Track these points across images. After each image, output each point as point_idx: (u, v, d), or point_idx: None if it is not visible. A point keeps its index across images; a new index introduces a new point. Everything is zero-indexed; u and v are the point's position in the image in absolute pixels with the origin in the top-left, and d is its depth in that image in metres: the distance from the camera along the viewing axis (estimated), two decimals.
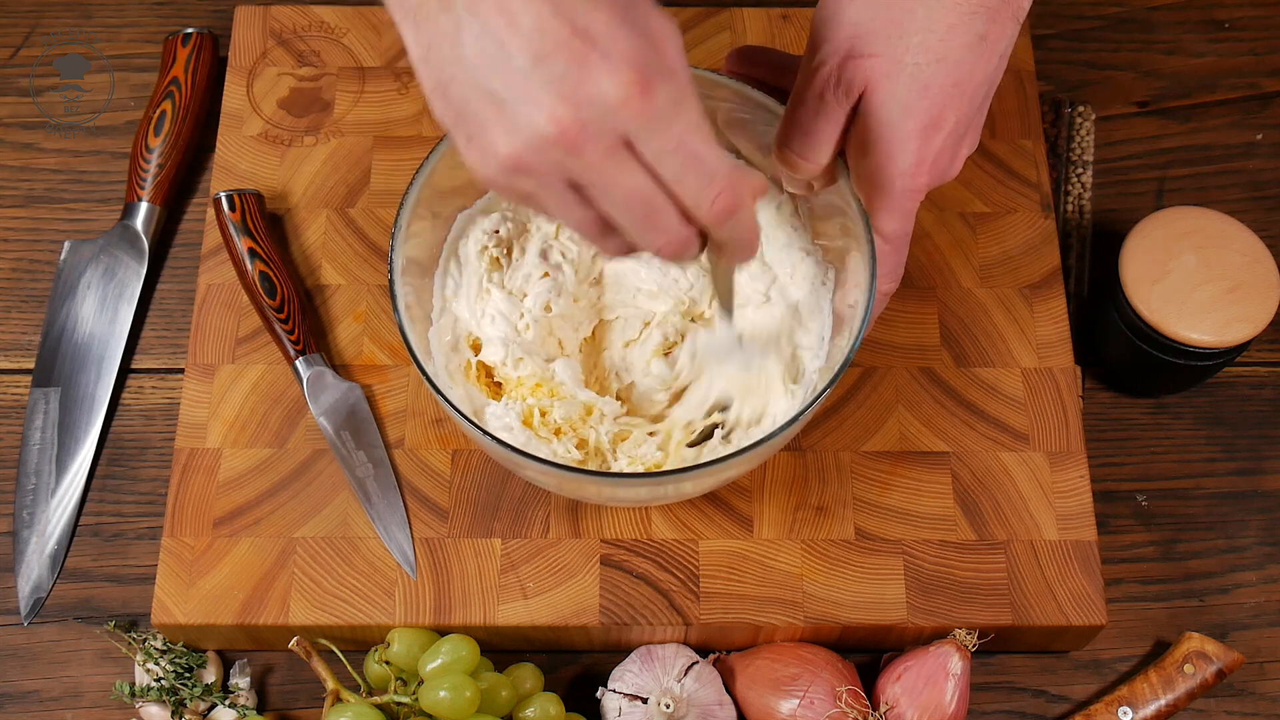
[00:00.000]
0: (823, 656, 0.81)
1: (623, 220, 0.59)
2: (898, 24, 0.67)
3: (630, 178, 0.57)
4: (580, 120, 0.54)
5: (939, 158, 0.69)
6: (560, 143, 0.55)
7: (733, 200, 0.59)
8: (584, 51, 0.53)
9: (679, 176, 0.57)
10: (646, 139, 0.56)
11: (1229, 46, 1.04)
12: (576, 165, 0.56)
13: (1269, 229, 0.95)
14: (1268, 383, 0.93)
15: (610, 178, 0.56)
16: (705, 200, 0.58)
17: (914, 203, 0.71)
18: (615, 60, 0.54)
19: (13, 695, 0.84)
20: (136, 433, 0.91)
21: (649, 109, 0.54)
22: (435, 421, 0.86)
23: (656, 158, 0.56)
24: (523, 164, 0.56)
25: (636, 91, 0.54)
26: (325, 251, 0.91)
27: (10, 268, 0.96)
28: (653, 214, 0.58)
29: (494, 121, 0.55)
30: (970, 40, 0.67)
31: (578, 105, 0.54)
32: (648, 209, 0.58)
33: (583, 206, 0.59)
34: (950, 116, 0.68)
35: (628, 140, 0.56)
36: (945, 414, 0.86)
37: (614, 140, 0.55)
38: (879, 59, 0.67)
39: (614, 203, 0.58)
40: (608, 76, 0.54)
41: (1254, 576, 0.88)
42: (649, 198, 0.58)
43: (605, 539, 0.83)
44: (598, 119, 0.54)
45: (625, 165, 0.56)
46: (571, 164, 0.56)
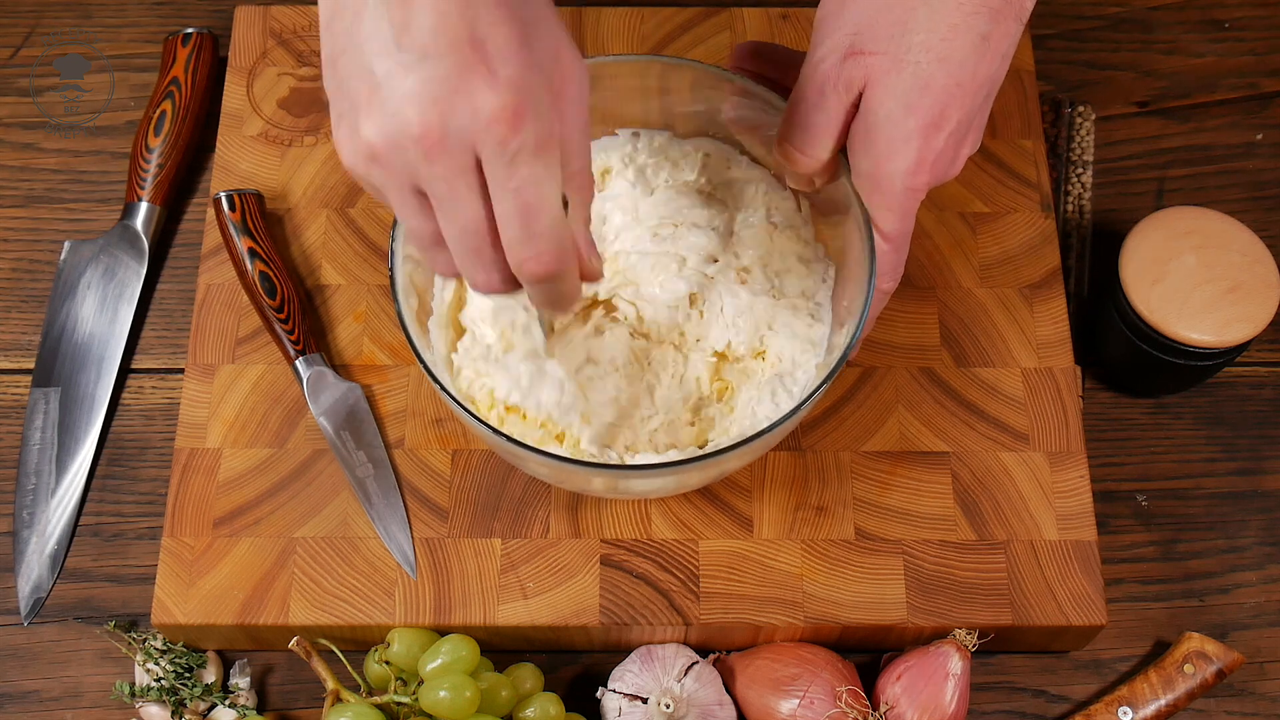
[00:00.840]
0: (823, 656, 0.81)
1: (451, 242, 0.59)
2: (900, 23, 0.67)
3: (468, 204, 0.57)
4: (444, 128, 0.54)
5: (940, 157, 0.69)
6: (420, 143, 0.55)
7: (547, 266, 0.59)
8: (473, 61, 0.54)
9: (508, 220, 0.58)
10: (495, 168, 0.56)
11: (1229, 46, 1.04)
12: (426, 172, 0.56)
13: (1269, 229, 0.95)
14: (1268, 383, 0.93)
15: (452, 196, 0.57)
16: (519, 254, 0.59)
17: (914, 202, 0.71)
18: (499, 81, 0.54)
19: (13, 695, 0.84)
20: (136, 433, 0.91)
21: (510, 138, 0.55)
22: (435, 421, 0.86)
23: (496, 190, 0.57)
24: (379, 155, 0.56)
25: (506, 117, 0.54)
26: (325, 251, 0.91)
27: (10, 268, 0.96)
28: (478, 248, 0.59)
29: (365, 104, 0.55)
30: (973, 40, 0.67)
31: (448, 111, 0.54)
32: (475, 241, 0.58)
33: (422, 216, 0.59)
34: (952, 116, 0.68)
35: (480, 162, 0.56)
36: (945, 414, 0.86)
37: (468, 159, 0.55)
38: (881, 57, 0.67)
39: (448, 223, 0.58)
40: (486, 91, 0.54)
41: (1254, 576, 0.88)
42: (479, 231, 0.58)
43: (605, 539, 0.83)
44: (461, 130, 0.54)
45: (469, 189, 0.57)
46: (422, 170, 0.56)
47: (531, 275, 0.60)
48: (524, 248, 0.58)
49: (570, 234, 0.60)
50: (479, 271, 0.60)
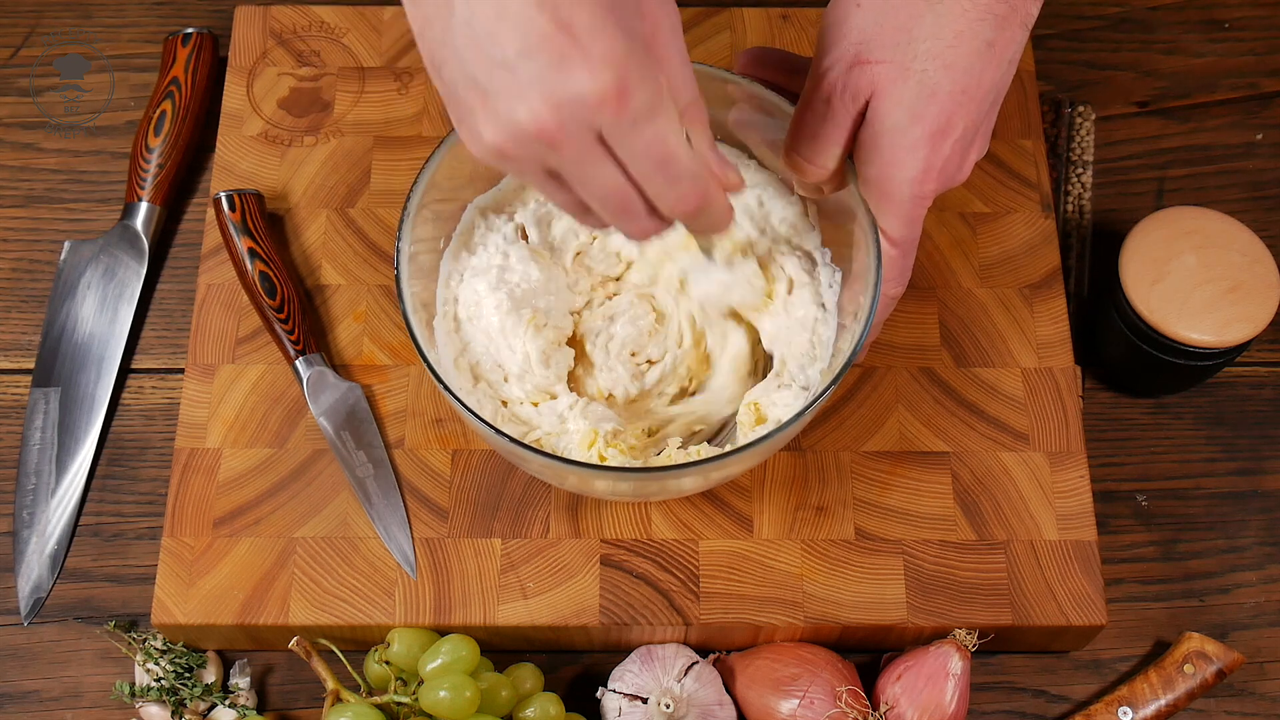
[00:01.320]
0: (823, 656, 0.81)
1: (597, 208, 0.61)
2: (905, 30, 0.67)
3: (604, 173, 0.59)
4: (559, 119, 0.56)
5: (947, 164, 0.69)
6: (539, 138, 0.56)
7: (696, 202, 0.61)
8: (566, 48, 0.54)
9: (647, 177, 0.59)
10: (619, 139, 0.57)
11: (1229, 46, 1.04)
12: (554, 158, 0.58)
13: (1269, 229, 0.95)
14: (1268, 383, 0.93)
15: (585, 172, 0.59)
16: (669, 200, 0.61)
17: (921, 209, 0.71)
18: (594, 60, 0.55)
19: (13, 695, 0.84)
20: (136, 433, 0.91)
21: (623, 112, 0.56)
22: (435, 421, 0.86)
23: (628, 157, 0.58)
24: (506, 153, 0.58)
25: (612, 94, 0.55)
26: (325, 251, 0.91)
27: (10, 268, 0.96)
28: (624, 206, 0.61)
29: (479, 109, 0.57)
30: (978, 47, 0.67)
31: (557, 104, 0.55)
32: (619, 201, 0.60)
33: (563, 191, 0.61)
34: (958, 123, 0.68)
35: (602, 137, 0.57)
36: (945, 414, 0.86)
37: (589, 138, 0.57)
38: (886, 65, 0.67)
39: (589, 194, 0.60)
40: (586, 76, 0.55)
41: (1254, 576, 0.88)
42: (621, 192, 0.60)
43: (605, 539, 0.83)
44: (574, 118, 0.56)
45: (599, 161, 0.58)
46: (550, 157, 0.58)
47: (684, 214, 0.62)
48: (670, 193, 0.60)
49: (706, 165, 0.62)
50: (633, 225, 0.62)
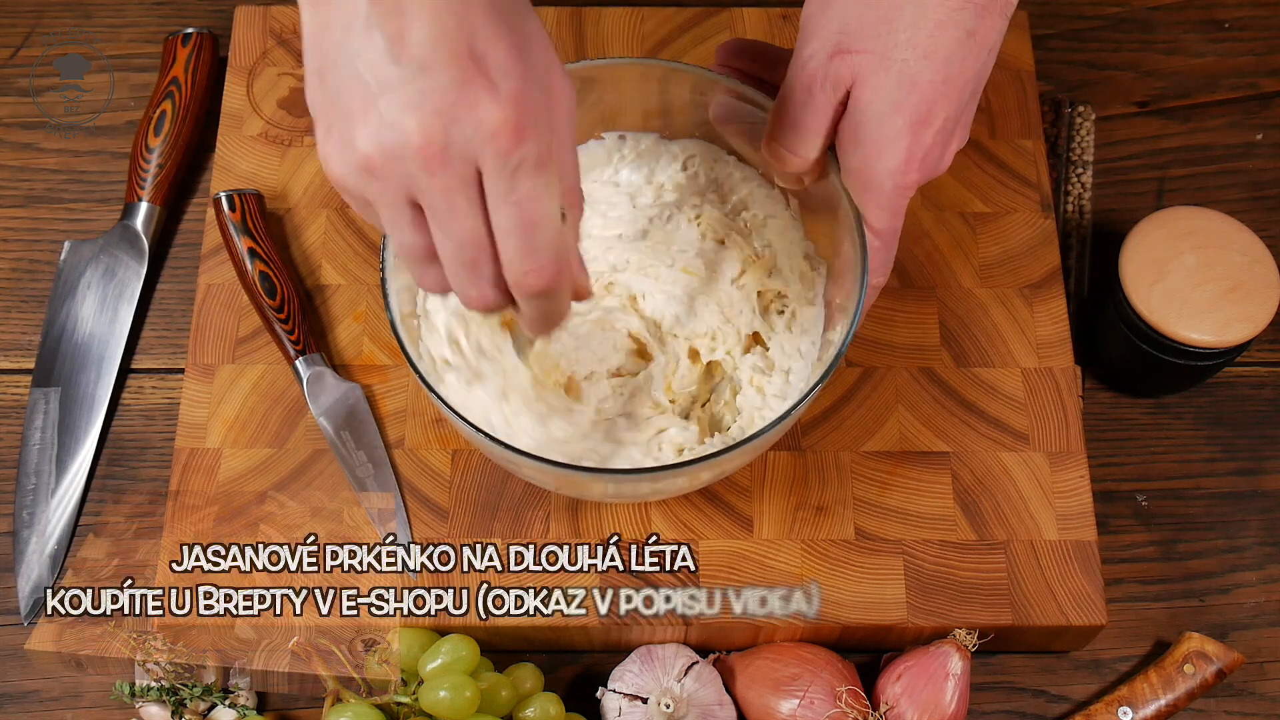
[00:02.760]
0: (823, 656, 0.81)
1: (446, 256, 0.59)
2: (886, 20, 0.67)
3: (468, 217, 0.57)
4: (447, 138, 0.54)
5: (929, 154, 0.69)
6: (420, 154, 0.54)
7: (544, 282, 0.59)
8: (473, 74, 0.53)
9: (508, 233, 0.57)
10: (495, 182, 0.55)
11: (1229, 46, 1.04)
12: (425, 184, 0.55)
13: (1269, 229, 0.95)
14: (1268, 383, 0.93)
15: (450, 209, 0.56)
16: (521, 269, 0.58)
17: (904, 199, 0.71)
18: (501, 94, 0.54)
19: (13, 695, 0.84)
20: (136, 433, 0.91)
21: (513, 152, 0.54)
22: (435, 421, 0.86)
23: (495, 205, 0.56)
24: (374, 166, 0.55)
25: (509, 130, 0.54)
26: (325, 251, 0.91)
27: (10, 268, 0.96)
28: (474, 262, 0.58)
29: (360, 116, 0.55)
30: (958, 36, 0.67)
31: (451, 122, 0.54)
32: (472, 254, 0.58)
33: (415, 230, 0.58)
34: (939, 113, 0.68)
35: (479, 177, 0.55)
36: (945, 414, 0.86)
37: (469, 171, 0.55)
38: (867, 55, 0.67)
39: (445, 236, 0.57)
40: (489, 104, 0.53)
41: (1254, 576, 0.88)
42: (477, 245, 0.58)
43: (605, 539, 0.82)
44: (464, 141, 0.54)
45: (468, 201, 0.56)
46: (420, 181, 0.55)
47: (530, 289, 0.59)
48: (525, 261, 0.58)
49: (568, 248, 0.60)
50: (474, 286, 0.59)
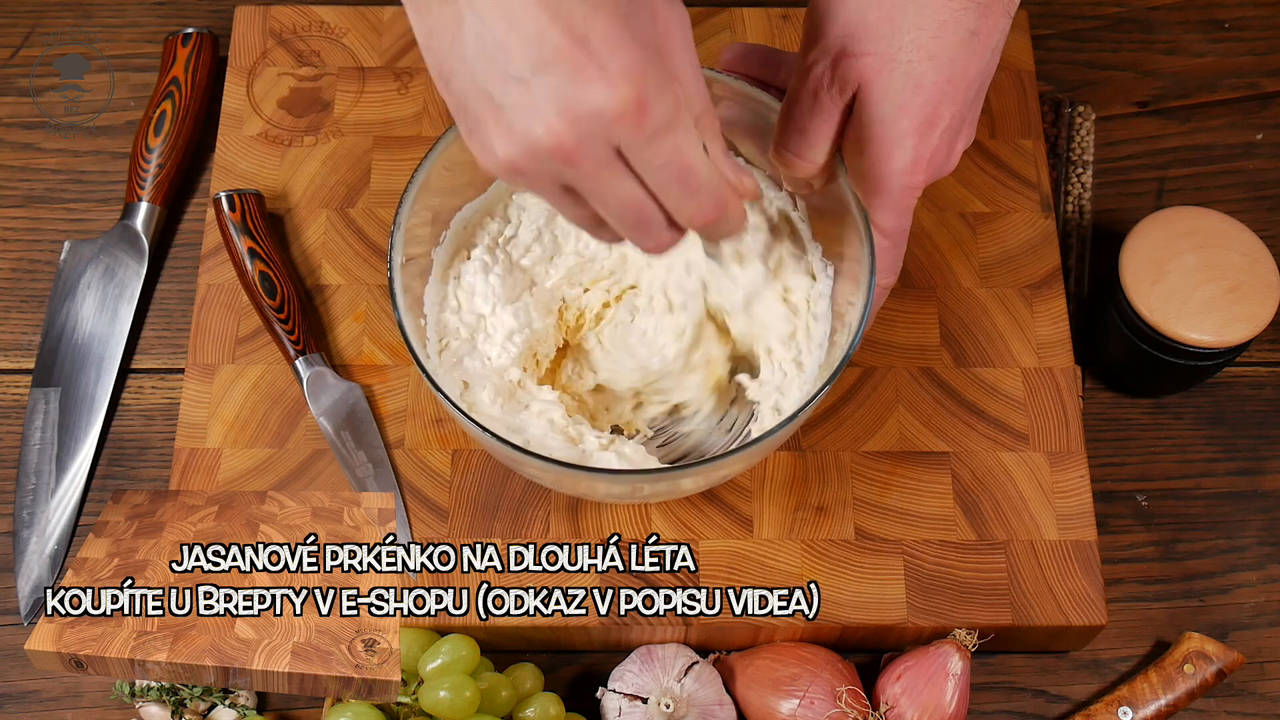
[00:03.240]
0: (823, 656, 0.81)
1: (613, 222, 0.61)
2: (890, 22, 0.67)
3: (622, 188, 0.58)
4: (576, 135, 0.55)
5: (935, 154, 0.69)
6: (555, 155, 0.55)
7: (714, 212, 0.61)
8: (582, 62, 0.54)
9: (666, 190, 0.59)
10: (637, 153, 0.57)
11: (1229, 46, 1.04)
12: (571, 174, 0.57)
13: (1269, 229, 0.95)
14: (1268, 383, 0.93)
15: (603, 187, 0.58)
16: (688, 212, 0.60)
17: (911, 200, 0.71)
18: (612, 74, 0.54)
19: (13, 695, 0.84)
20: (136, 433, 0.91)
21: (642, 126, 0.55)
22: (435, 421, 0.86)
23: (645, 170, 0.58)
24: (520, 169, 0.57)
25: (631, 109, 0.54)
26: (325, 251, 0.91)
27: (10, 268, 0.96)
28: (642, 220, 0.60)
29: (492, 123, 0.56)
30: (962, 36, 0.67)
31: (574, 120, 0.54)
32: (637, 216, 0.60)
33: (578, 205, 0.60)
34: (945, 113, 0.68)
35: (620, 151, 0.57)
36: (945, 414, 0.86)
37: (608, 153, 0.56)
38: (872, 57, 0.67)
39: (606, 208, 0.59)
40: (604, 90, 0.54)
41: (1254, 576, 0.88)
42: (639, 206, 0.59)
43: (605, 539, 0.82)
44: (592, 133, 0.55)
45: (617, 176, 0.58)
46: (567, 173, 0.57)
47: (703, 224, 0.61)
48: (689, 205, 0.60)
49: (723, 173, 0.61)
50: (650, 238, 0.61)
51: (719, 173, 0.61)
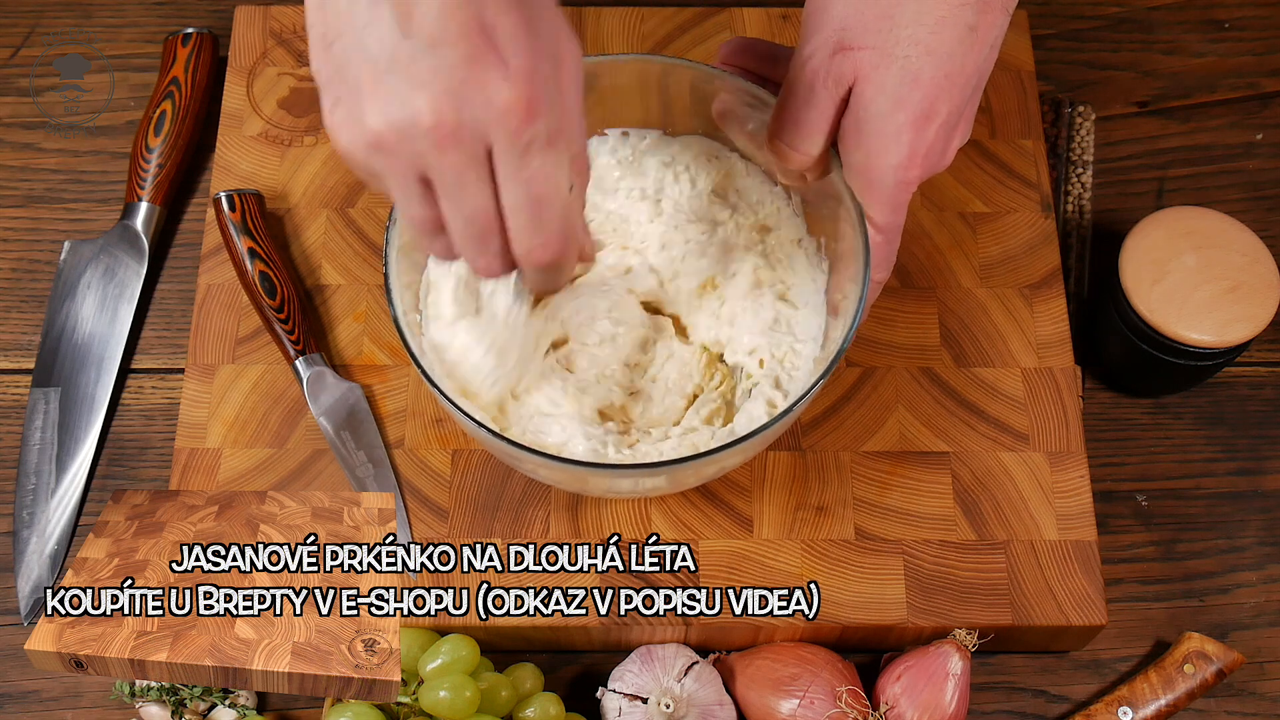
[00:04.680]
0: (823, 656, 0.81)
1: (455, 229, 0.59)
2: (887, 16, 0.67)
3: (477, 193, 0.57)
4: (459, 118, 0.54)
5: (931, 150, 0.69)
6: (432, 134, 0.54)
7: (551, 256, 0.60)
8: (484, 50, 0.53)
9: (516, 209, 0.58)
10: (506, 160, 0.56)
11: (1229, 46, 1.04)
12: (435, 162, 0.56)
13: (1269, 229, 0.95)
14: (1268, 383, 0.93)
15: (460, 185, 0.57)
16: (529, 243, 0.59)
17: (906, 195, 0.71)
18: (512, 71, 0.53)
19: (13, 695, 0.84)
20: (136, 433, 0.91)
21: (524, 130, 0.54)
22: (435, 421, 0.86)
23: (508, 183, 0.57)
24: (385, 143, 0.55)
25: (520, 109, 0.54)
26: (325, 251, 0.91)
27: (10, 268, 0.96)
28: (483, 236, 0.59)
29: (369, 91, 0.54)
30: (960, 32, 0.67)
31: (462, 103, 0.53)
32: (481, 229, 0.59)
33: (424, 204, 0.59)
34: (942, 108, 0.68)
35: (489, 153, 0.56)
36: (945, 414, 0.86)
37: (480, 149, 0.55)
38: (869, 51, 0.67)
39: (455, 211, 0.58)
40: (500, 82, 0.53)
41: (1254, 576, 0.88)
42: (486, 218, 0.58)
43: (605, 539, 0.82)
44: (475, 121, 0.54)
45: (479, 178, 0.57)
46: (431, 159, 0.55)
47: (537, 263, 0.61)
48: (533, 236, 0.59)
49: (576, 223, 0.61)
50: (482, 257, 0.61)
51: (572, 219, 0.60)
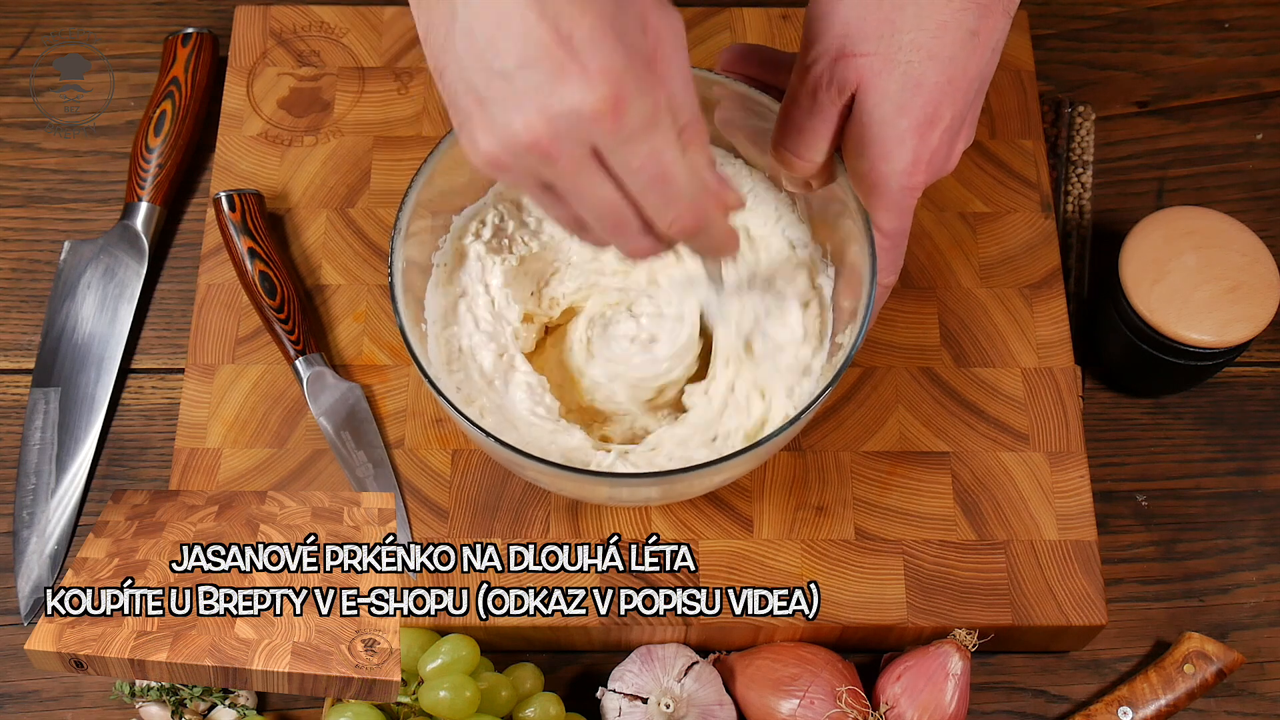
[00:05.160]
0: (823, 656, 0.81)
1: (593, 224, 0.61)
2: (889, 22, 0.67)
3: (598, 188, 0.58)
4: (552, 131, 0.55)
5: (935, 155, 0.69)
6: (533, 150, 0.56)
7: (693, 221, 0.61)
8: (564, 60, 0.54)
9: (643, 193, 0.59)
10: (614, 154, 0.57)
11: (1229, 46, 1.04)
12: (549, 172, 0.58)
13: (1269, 229, 0.95)
14: (1268, 383, 0.93)
15: (580, 186, 0.58)
16: (665, 219, 0.60)
17: (912, 200, 0.71)
18: (591, 73, 0.54)
19: (13, 695, 0.84)
20: (136, 433, 0.91)
21: (618, 126, 0.55)
22: (435, 421, 0.86)
23: (623, 173, 0.58)
24: (501, 163, 0.58)
25: (608, 108, 0.55)
26: (325, 251, 0.91)
27: (10, 268, 0.96)
28: (619, 223, 0.60)
29: (477, 118, 0.57)
30: (962, 37, 0.67)
31: (552, 117, 0.55)
32: (615, 218, 0.60)
33: (558, 205, 0.61)
34: (945, 113, 0.68)
35: (598, 151, 0.57)
36: (945, 414, 0.86)
37: (583, 152, 0.57)
38: (871, 57, 0.67)
39: (585, 209, 0.60)
40: (581, 88, 0.54)
41: (1254, 576, 0.88)
42: (616, 208, 0.59)
43: (605, 539, 0.82)
44: (569, 131, 0.55)
45: (594, 176, 0.58)
46: (545, 170, 0.58)
47: (682, 233, 0.61)
48: (666, 212, 0.60)
49: (705, 184, 0.61)
50: (629, 242, 0.62)
51: (700, 182, 0.61)
